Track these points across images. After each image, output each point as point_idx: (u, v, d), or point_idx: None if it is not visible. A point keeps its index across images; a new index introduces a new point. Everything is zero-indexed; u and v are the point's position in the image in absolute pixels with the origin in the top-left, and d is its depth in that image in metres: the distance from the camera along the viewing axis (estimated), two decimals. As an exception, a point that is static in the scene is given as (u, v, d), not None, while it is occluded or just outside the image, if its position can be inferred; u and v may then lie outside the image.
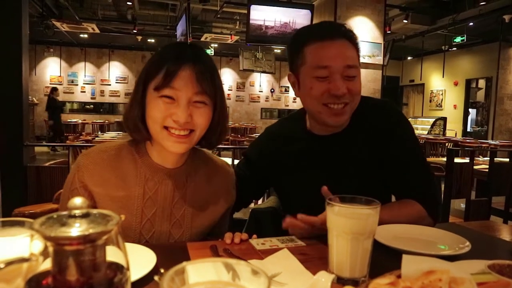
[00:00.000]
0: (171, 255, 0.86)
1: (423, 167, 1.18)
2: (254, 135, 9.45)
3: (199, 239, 1.07)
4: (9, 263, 0.42)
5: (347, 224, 0.71)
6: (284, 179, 1.27)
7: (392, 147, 1.15)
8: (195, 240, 1.06)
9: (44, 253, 0.37)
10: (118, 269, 0.40)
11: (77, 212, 0.39)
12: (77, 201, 0.40)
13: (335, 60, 1.06)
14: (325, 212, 0.81)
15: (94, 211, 0.40)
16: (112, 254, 0.39)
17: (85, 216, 0.38)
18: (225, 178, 1.13)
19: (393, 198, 1.28)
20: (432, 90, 13.14)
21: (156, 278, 0.65)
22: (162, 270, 0.68)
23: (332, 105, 1.08)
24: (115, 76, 13.82)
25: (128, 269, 0.40)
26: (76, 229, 0.36)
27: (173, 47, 0.98)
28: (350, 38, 1.11)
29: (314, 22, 6.07)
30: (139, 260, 0.75)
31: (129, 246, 0.82)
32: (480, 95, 13.31)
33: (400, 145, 1.16)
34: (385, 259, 0.80)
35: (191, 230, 1.04)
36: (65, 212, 0.39)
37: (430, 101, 13.20)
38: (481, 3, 7.22)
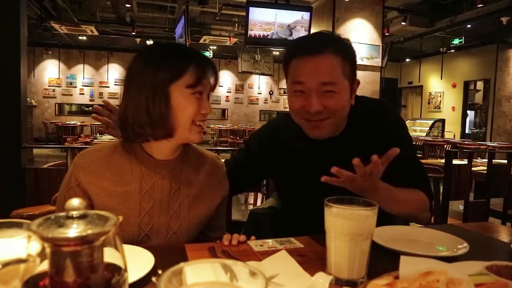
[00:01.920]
0: (169, 256, 0.86)
1: (420, 165, 1.23)
2: (259, 128, 9.45)
3: (196, 231, 1.09)
4: (6, 264, 0.42)
5: (345, 225, 0.71)
6: (283, 176, 1.28)
7: (391, 146, 1.16)
8: (193, 232, 1.08)
9: (42, 255, 0.37)
10: (116, 270, 0.40)
11: (74, 213, 0.39)
12: (75, 202, 0.40)
13: (309, 76, 1.05)
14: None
15: (92, 212, 0.39)
16: (110, 255, 0.39)
17: (82, 217, 0.38)
18: (216, 169, 1.16)
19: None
20: (430, 92, 13.18)
21: (153, 279, 0.65)
22: (160, 271, 0.68)
23: (310, 120, 1.10)
24: (113, 78, 13.83)
25: (125, 270, 0.40)
26: (74, 230, 0.36)
27: (190, 49, 1.04)
28: (337, 49, 1.07)
29: (312, 24, 6.09)
30: (137, 261, 0.75)
31: (127, 248, 0.82)
32: (478, 97, 13.35)
33: (400, 145, 1.17)
34: (383, 260, 0.80)
35: (188, 221, 1.06)
36: (62, 213, 0.39)
37: (429, 103, 13.23)
38: (479, 5, 7.25)
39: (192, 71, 0.97)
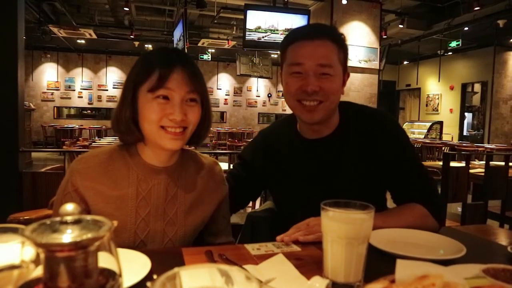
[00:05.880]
0: (166, 261, 0.85)
1: (423, 171, 1.19)
2: (251, 140, 9.45)
3: (192, 237, 1.09)
4: (-1, 270, 0.42)
5: (342, 229, 0.71)
6: (277, 182, 1.28)
7: (391, 153, 1.16)
8: (188, 238, 1.07)
9: (36, 260, 0.37)
10: (110, 275, 0.39)
11: (68, 218, 0.38)
12: (69, 207, 0.40)
13: (308, 58, 1.09)
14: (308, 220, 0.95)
15: (87, 217, 0.39)
16: (105, 260, 0.39)
17: (77, 222, 0.38)
18: (214, 174, 1.15)
19: (388, 202, 1.28)
20: (428, 94, 13.22)
21: (148, 284, 0.65)
22: (155, 277, 0.68)
23: (305, 102, 1.11)
24: (112, 82, 13.82)
25: (120, 275, 0.40)
26: (68, 236, 0.36)
27: (160, 52, 1.03)
28: (333, 38, 1.12)
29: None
30: (133, 266, 0.74)
31: (124, 252, 0.82)
32: (476, 99, 13.40)
33: (400, 151, 1.18)
34: (379, 263, 0.80)
35: (184, 228, 1.05)
36: (57, 219, 0.38)
37: (427, 105, 13.27)
38: (476, 8, 7.29)
39: (156, 75, 0.94)
